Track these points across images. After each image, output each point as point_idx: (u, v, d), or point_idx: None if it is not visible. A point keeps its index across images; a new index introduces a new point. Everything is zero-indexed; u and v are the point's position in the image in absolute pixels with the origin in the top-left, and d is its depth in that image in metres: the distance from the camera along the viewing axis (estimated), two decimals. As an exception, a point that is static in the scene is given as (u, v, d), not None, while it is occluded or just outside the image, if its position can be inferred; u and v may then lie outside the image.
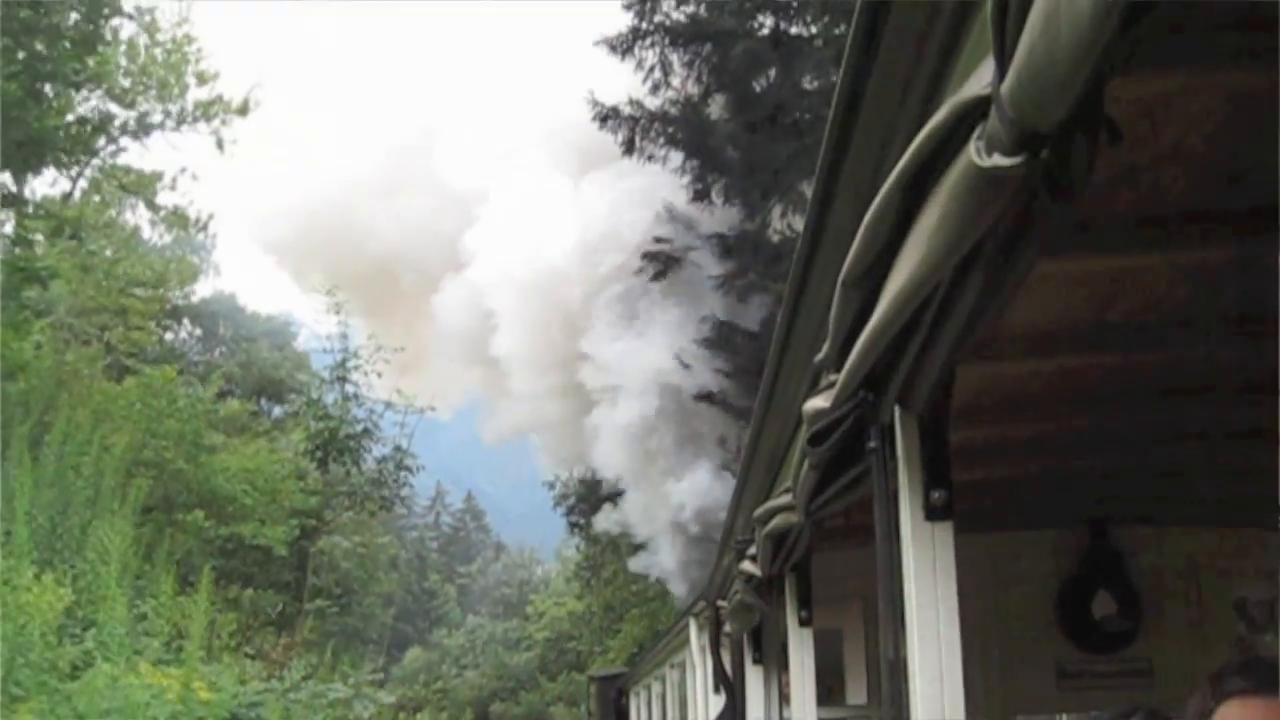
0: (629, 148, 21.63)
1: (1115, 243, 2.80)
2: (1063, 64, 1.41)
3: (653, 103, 21.54)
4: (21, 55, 17.97)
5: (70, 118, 20.47)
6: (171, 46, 23.39)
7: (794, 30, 21.18)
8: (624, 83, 21.35)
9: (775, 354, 3.87)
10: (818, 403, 2.96)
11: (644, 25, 21.05)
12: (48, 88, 19.04)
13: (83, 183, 24.95)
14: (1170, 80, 2.12)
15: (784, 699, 7.05)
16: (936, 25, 1.99)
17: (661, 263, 22.06)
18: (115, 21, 20.69)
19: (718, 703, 8.92)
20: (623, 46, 21.07)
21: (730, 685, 8.29)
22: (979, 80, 1.67)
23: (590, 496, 29.73)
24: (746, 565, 5.49)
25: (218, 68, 24.39)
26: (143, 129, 23.33)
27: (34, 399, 18.10)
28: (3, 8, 17.05)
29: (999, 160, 1.62)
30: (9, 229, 19.60)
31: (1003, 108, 1.57)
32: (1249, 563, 6.93)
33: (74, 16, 18.75)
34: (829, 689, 8.51)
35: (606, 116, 21.50)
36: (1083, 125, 1.59)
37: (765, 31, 21.02)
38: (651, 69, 21.36)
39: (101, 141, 22.58)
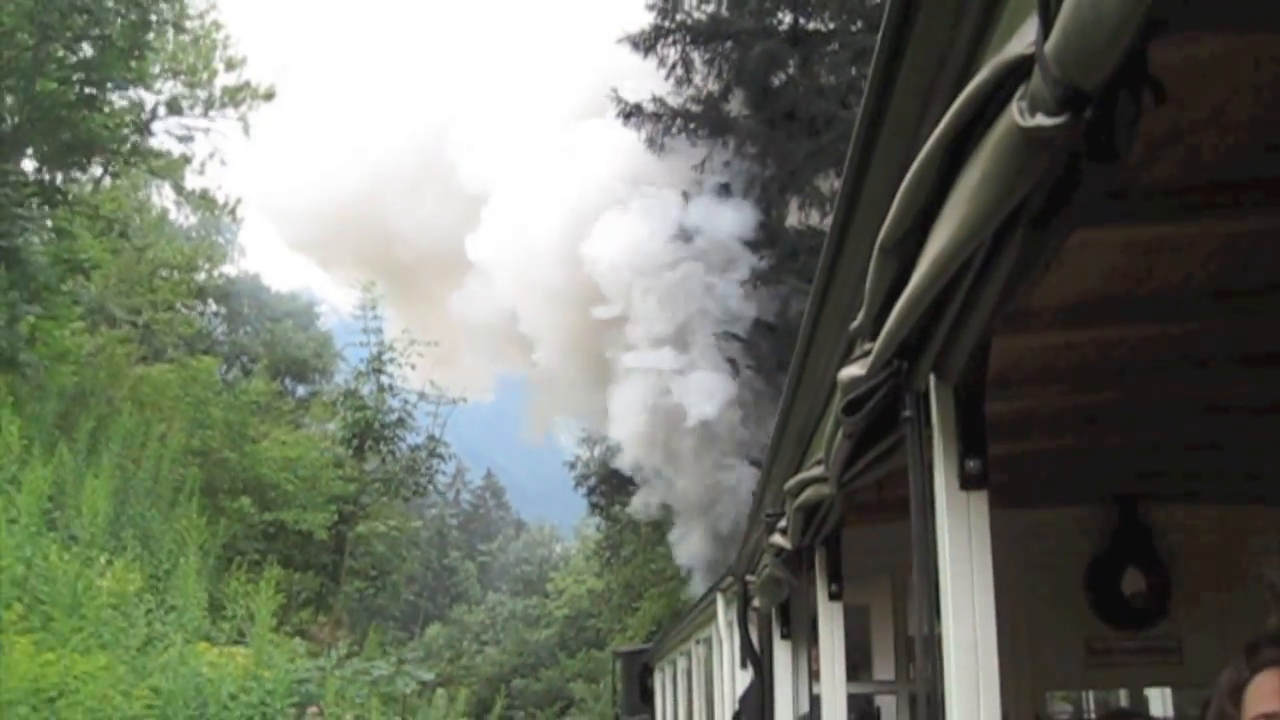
0: (651, 144, 21.91)
1: (1152, 211, 2.78)
2: (1109, 21, 1.40)
3: (675, 100, 21.87)
4: (72, 60, 18.79)
5: (106, 109, 20.89)
6: (201, 33, 23.53)
7: (812, 25, 21.55)
8: (645, 77, 21.67)
9: (809, 322, 3.86)
10: (852, 371, 2.95)
11: (666, 24, 21.41)
12: (93, 90, 19.65)
13: (113, 166, 25.19)
14: (1212, 43, 2.10)
15: (813, 674, 7.05)
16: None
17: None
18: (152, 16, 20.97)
19: (745, 678, 8.92)
20: (645, 45, 21.47)
21: (758, 660, 8.29)
22: (1022, 39, 1.66)
23: (612, 478, 30.08)
24: (776, 538, 5.49)
25: (245, 53, 24.57)
26: (173, 114, 23.52)
27: (86, 389, 18.75)
28: (57, 16, 17.67)
29: (1042, 120, 1.61)
30: (49, 222, 20.03)
31: (1046, 67, 1.56)
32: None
33: (120, 22, 19.15)
34: (854, 665, 8.52)
35: (630, 113, 21.77)
36: (1127, 85, 1.57)
37: (784, 27, 21.38)
38: (673, 66, 21.72)
39: (130, 129, 22.83)
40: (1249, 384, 4.44)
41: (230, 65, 24.32)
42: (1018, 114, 1.65)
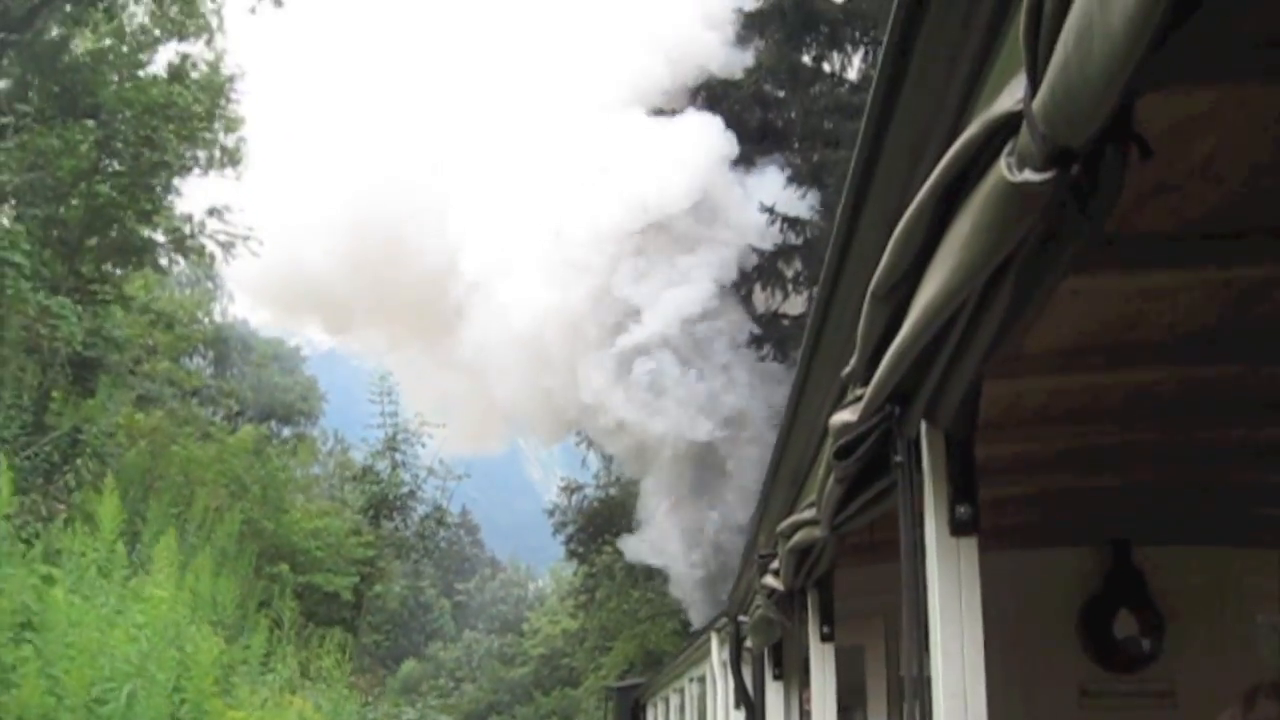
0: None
1: (1143, 259, 2.80)
2: (1095, 81, 1.42)
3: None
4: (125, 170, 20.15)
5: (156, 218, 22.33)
6: (203, 94, 23.74)
7: (779, 122, 22.96)
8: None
9: (802, 367, 3.87)
10: (844, 416, 2.96)
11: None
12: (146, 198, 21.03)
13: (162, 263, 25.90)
14: (1202, 97, 2.12)
15: (804, 716, 7.03)
16: (968, 41, 2.00)
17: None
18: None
19: (738, 718, 8.88)
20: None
21: (750, 701, 8.26)
22: (1011, 96, 1.68)
23: (589, 526, 32.29)
24: (769, 580, 5.48)
25: (244, 113, 24.84)
26: (180, 172, 23.91)
27: (144, 467, 20.31)
28: (122, 146, 19.68)
29: (1030, 176, 1.63)
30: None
31: (1034, 123, 1.58)
32: (1274, 584, 6.86)
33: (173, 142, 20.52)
34: (848, 707, 8.47)
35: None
36: (1113, 142, 1.59)
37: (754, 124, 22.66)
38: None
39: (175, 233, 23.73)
40: (1241, 428, 4.46)
41: (230, 127, 24.61)
42: (1006, 169, 1.67)
